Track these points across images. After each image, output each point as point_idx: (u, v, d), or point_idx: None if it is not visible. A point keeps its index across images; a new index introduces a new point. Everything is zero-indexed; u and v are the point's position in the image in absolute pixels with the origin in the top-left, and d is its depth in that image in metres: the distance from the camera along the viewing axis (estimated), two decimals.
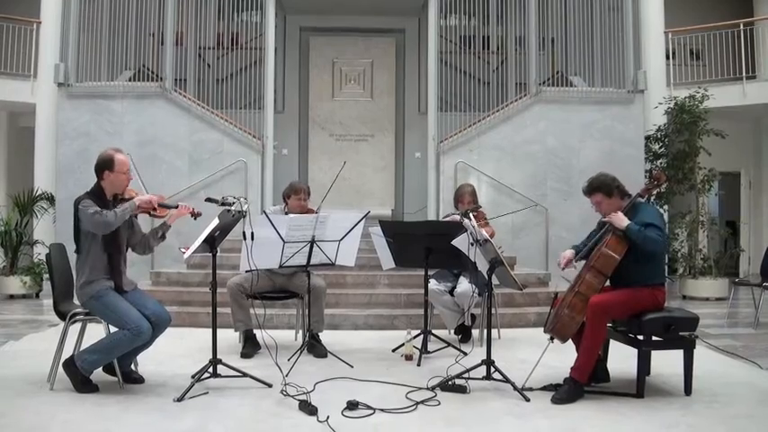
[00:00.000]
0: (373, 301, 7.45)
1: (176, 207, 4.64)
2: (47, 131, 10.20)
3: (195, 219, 4.66)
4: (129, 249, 4.69)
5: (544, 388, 4.46)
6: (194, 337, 6.12)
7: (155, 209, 4.55)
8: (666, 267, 8.93)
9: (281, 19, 11.53)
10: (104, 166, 4.47)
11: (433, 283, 5.95)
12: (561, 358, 4.59)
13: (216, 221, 4.48)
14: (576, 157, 10.07)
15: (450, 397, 4.37)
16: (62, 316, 4.60)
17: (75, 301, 4.64)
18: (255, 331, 5.62)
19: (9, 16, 10.55)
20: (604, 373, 4.66)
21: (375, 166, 11.74)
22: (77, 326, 4.68)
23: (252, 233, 4.58)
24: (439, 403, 4.24)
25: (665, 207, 10.22)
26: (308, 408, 4.00)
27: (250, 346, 5.58)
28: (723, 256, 10.65)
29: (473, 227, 4.66)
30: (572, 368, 4.33)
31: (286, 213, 5.83)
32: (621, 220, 4.35)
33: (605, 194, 4.53)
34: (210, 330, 4.64)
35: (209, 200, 4.70)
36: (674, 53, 11.11)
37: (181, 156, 9.81)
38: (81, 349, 4.49)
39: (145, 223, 5.33)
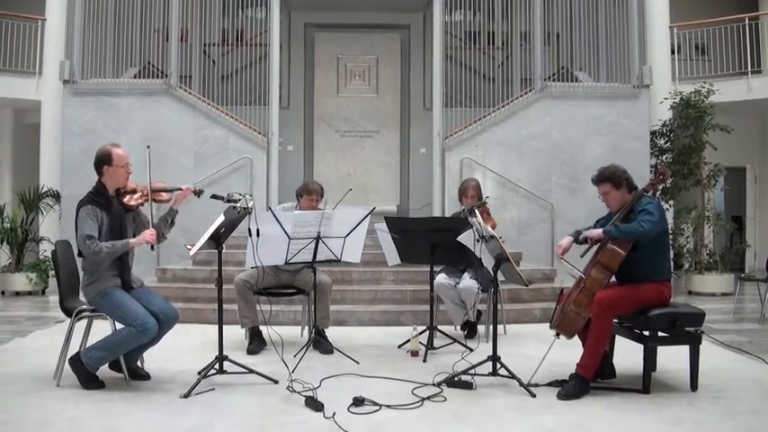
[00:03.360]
0: (379, 297, 7.45)
1: (179, 189, 4.65)
2: (52, 128, 10.22)
3: (199, 197, 4.70)
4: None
5: (550, 384, 4.47)
6: (200, 334, 6.13)
7: (155, 199, 4.57)
8: (672, 263, 8.90)
9: (285, 15, 11.51)
10: (103, 160, 4.48)
11: (442, 277, 5.96)
12: (567, 354, 4.59)
13: (221, 218, 4.48)
14: (581, 153, 10.03)
15: (456, 393, 4.37)
16: (68, 313, 4.62)
17: (82, 297, 4.65)
18: (261, 327, 5.63)
19: (14, 13, 10.56)
20: (610, 369, 4.66)
21: (380, 163, 11.72)
22: (83, 323, 4.71)
23: (257, 230, 4.58)
24: (445, 399, 4.24)
25: (671, 202, 10.21)
26: (314, 404, 4.00)
27: (256, 343, 5.59)
28: (729, 252, 10.63)
29: (479, 223, 4.66)
30: (578, 364, 4.33)
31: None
32: (597, 232, 4.47)
33: (614, 185, 4.52)
34: (216, 327, 4.64)
35: (214, 196, 4.70)
36: (679, 48, 11.07)
37: (186, 152, 9.82)
38: (87, 346, 4.50)
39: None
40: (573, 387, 4.27)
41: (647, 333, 4.43)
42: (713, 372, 4.83)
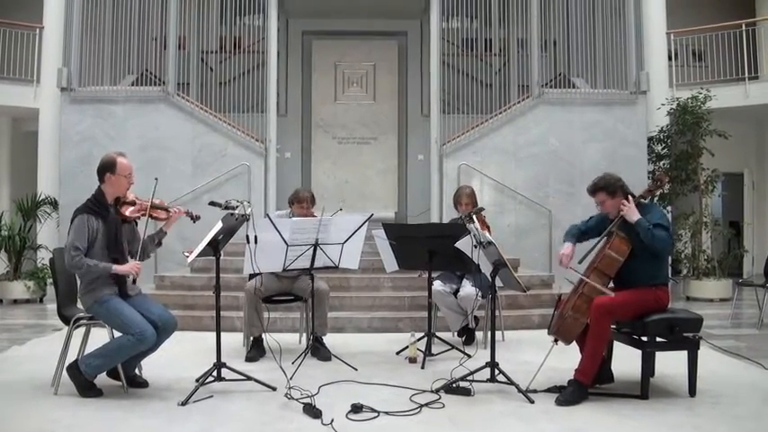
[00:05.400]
0: (377, 304, 7.45)
1: (168, 210, 4.62)
2: (50, 136, 10.21)
3: (194, 222, 4.69)
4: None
5: (548, 390, 4.46)
6: (198, 341, 6.10)
7: (153, 216, 4.56)
8: (670, 268, 8.89)
9: (283, 22, 11.55)
10: (106, 168, 4.48)
11: (437, 284, 5.96)
12: (565, 360, 4.59)
13: (219, 225, 4.48)
14: (578, 159, 10.05)
15: (454, 399, 4.36)
16: (66, 320, 4.61)
17: (79, 305, 4.64)
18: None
19: (11, 21, 10.57)
20: (608, 375, 4.66)
21: (378, 169, 11.74)
22: (81, 330, 4.69)
23: (255, 237, 4.58)
24: (443, 406, 4.23)
25: (669, 208, 10.21)
26: (312, 411, 4.00)
27: (256, 350, 5.59)
28: (727, 257, 10.64)
29: (476, 229, 4.66)
30: (576, 370, 4.33)
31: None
32: (634, 213, 4.39)
33: (609, 194, 4.54)
34: (214, 334, 4.64)
35: (212, 203, 4.71)
36: (676, 54, 11.09)
37: (184, 159, 9.82)
38: (85, 354, 4.49)
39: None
40: (571, 393, 4.27)
41: (645, 338, 4.43)
42: (711, 377, 4.84)
